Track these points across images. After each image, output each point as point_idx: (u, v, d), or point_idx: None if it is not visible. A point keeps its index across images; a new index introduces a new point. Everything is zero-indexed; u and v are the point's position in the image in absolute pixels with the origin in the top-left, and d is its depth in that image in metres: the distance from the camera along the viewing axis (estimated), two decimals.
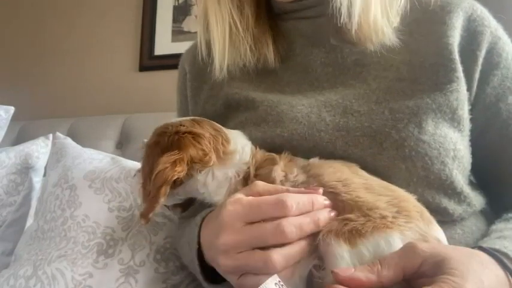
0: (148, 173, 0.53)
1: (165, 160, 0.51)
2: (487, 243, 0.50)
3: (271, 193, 0.50)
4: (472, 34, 0.62)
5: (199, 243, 0.56)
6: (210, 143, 0.54)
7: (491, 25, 0.64)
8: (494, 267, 0.43)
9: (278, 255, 0.46)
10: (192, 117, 0.59)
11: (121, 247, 0.78)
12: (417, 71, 0.60)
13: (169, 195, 0.53)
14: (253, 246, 0.48)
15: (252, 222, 0.48)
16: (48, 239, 0.85)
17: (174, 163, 0.51)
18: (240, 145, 0.57)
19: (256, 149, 0.58)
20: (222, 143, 0.55)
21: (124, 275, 0.75)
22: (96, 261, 0.76)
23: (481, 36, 0.62)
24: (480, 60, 0.62)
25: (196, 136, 0.54)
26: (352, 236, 0.45)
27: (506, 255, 0.46)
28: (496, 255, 0.45)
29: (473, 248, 0.47)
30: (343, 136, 0.57)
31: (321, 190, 0.50)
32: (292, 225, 0.46)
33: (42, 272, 0.77)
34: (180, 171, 0.51)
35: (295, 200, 0.47)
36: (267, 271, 0.46)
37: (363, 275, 0.41)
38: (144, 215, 0.53)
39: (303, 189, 0.51)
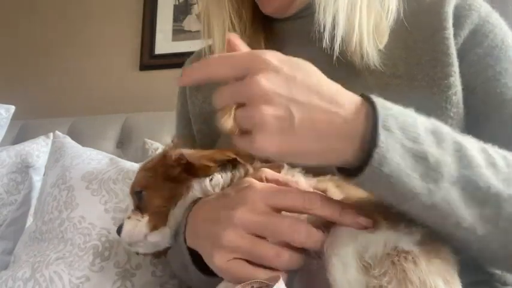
0: None
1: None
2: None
3: (279, 181, 0.49)
4: (459, 19, 0.61)
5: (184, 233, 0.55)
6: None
7: (481, 10, 0.62)
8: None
9: (288, 254, 0.44)
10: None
11: (116, 249, 0.78)
12: (414, 67, 0.59)
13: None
14: (265, 234, 0.45)
15: (275, 209, 0.46)
16: (46, 240, 0.85)
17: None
18: None
19: None
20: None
21: (120, 278, 0.75)
22: (93, 264, 0.76)
23: (466, 19, 0.61)
24: (461, 40, 0.60)
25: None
26: None
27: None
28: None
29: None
30: None
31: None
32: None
33: (40, 275, 0.76)
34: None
35: (324, 200, 0.45)
36: (273, 264, 0.44)
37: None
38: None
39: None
